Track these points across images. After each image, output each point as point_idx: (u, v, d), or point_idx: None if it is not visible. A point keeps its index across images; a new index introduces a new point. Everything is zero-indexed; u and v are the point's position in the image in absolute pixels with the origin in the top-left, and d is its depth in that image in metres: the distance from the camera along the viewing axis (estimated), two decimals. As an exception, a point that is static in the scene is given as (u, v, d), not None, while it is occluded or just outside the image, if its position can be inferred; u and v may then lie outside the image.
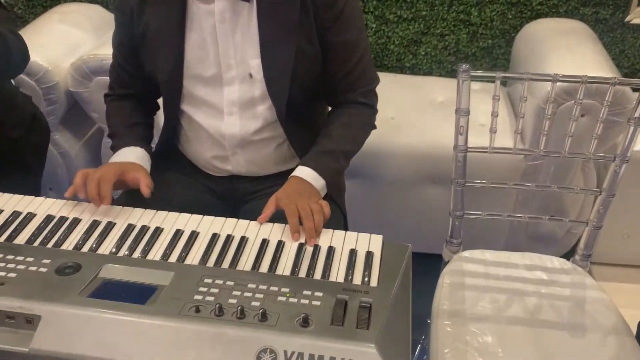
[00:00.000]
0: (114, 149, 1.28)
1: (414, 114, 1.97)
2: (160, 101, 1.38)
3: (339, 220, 1.31)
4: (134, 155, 1.24)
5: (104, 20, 2.21)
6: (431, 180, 1.91)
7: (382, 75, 1.34)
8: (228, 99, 1.23)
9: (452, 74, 2.28)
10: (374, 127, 1.33)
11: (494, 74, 1.21)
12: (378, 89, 1.31)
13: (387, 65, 2.29)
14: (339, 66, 1.23)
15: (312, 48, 1.19)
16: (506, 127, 1.89)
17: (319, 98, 1.33)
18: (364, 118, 1.29)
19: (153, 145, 1.36)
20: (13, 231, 1.01)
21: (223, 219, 1.06)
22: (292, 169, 1.22)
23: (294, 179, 1.17)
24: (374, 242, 1.00)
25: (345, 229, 1.22)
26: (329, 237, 1.02)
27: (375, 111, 1.31)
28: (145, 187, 1.14)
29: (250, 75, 1.20)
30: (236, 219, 1.06)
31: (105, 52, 1.84)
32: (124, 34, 1.25)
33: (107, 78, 1.83)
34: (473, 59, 2.25)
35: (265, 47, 1.17)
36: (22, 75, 1.82)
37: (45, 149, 1.71)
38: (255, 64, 1.18)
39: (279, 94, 1.20)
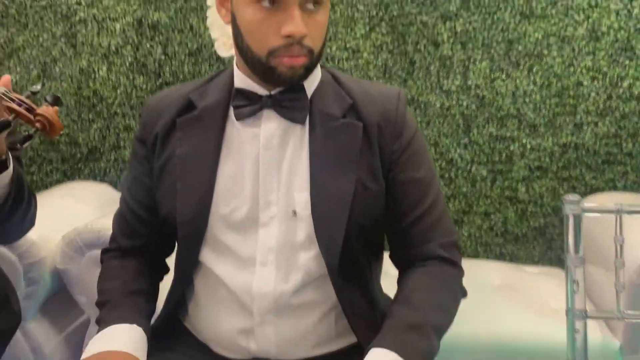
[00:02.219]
0: (102, 323, 0.93)
1: (471, 299, 1.62)
2: (170, 261, 1.07)
3: None
4: (128, 339, 0.90)
5: (111, 198, 2.00)
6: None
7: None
8: (263, 245, 0.93)
9: (501, 257, 1.98)
10: (465, 293, 0.98)
11: (616, 207, 0.91)
12: None
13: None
14: (410, 210, 0.95)
15: (376, 185, 0.94)
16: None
17: (378, 253, 1.02)
18: (451, 280, 0.96)
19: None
20: None
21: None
22: (343, 353, 0.89)
23: None
24: None
25: None
26: None
27: (462, 272, 0.98)
28: None
29: (295, 213, 0.91)
30: None
31: (105, 223, 1.58)
32: (142, 168, 1.00)
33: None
34: (524, 241, 1.97)
35: (316, 178, 0.92)
36: (2, 248, 1.53)
37: (7, 342, 1.34)
38: (302, 198, 0.92)
39: (331, 239, 0.90)
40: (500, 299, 1.62)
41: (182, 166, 0.95)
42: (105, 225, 1.56)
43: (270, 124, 0.94)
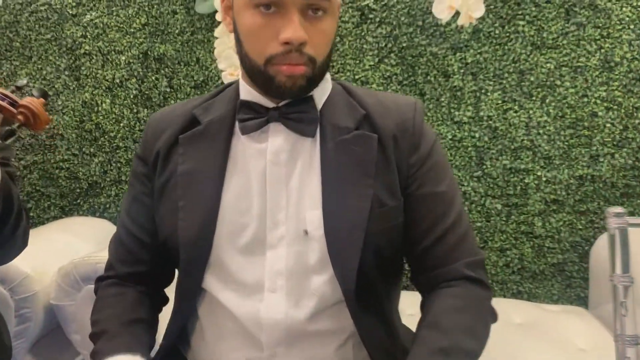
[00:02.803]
0: (98, 356, 0.84)
1: (493, 337, 1.52)
2: (169, 291, 0.99)
3: None
4: None
5: (110, 233, 1.91)
6: None
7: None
8: (271, 269, 0.84)
9: (518, 295, 1.88)
10: (496, 317, 0.90)
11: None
12: None
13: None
14: (431, 227, 0.88)
15: (393, 201, 0.86)
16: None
17: (395, 279, 0.94)
18: (480, 301, 0.87)
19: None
20: None
21: None
22: None
23: None
24: None
25: None
26: None
27: (491, 293, 0.90)
28: None
29: (306, 233, 0.84)
30: None
31: (104, 256, 1.49)
32: (142, 187, 0.93)
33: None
34: (542, 278, 1.88)
35: (329, 194, 0.84)
36: (-7, 283, 1.44)
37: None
38: (313, 216, 0.84)
39: (346, 260, 0.82)
40: (523, 338, 1.51)
41: (185, 184, 0.88)
42: (103, 258, 1.47)
43: (278, 138, 0.87)
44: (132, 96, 1.98)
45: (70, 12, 1.98)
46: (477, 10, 1.63)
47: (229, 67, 1.75)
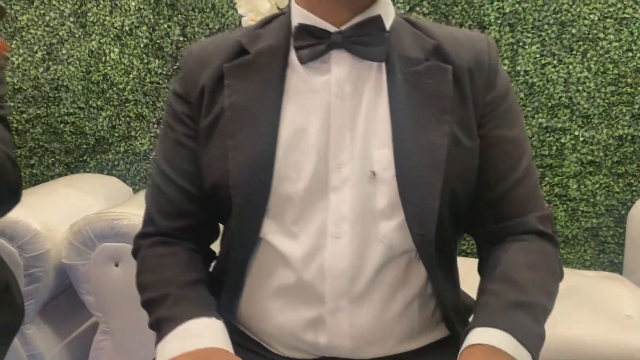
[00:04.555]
0: (166, 322, 0.73)
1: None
2: (214, 246, 0.89)
3: None
4: (215, 335, 0.72)
5: (121, 192, 1.82)
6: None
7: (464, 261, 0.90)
8: (335, 213, 0.75)
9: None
10: (562, 275, 0.81)
11: None
12: None
13: (467, 251, 1.83)
14: (504, 175, 0.79)
15: (470, 140, 0.77)
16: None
17: (461, 231, 0.85)
18: (552, 258, 0.79)
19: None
20: None
21: None
22: (432, 348, 0.73)
23: (478, 350, 0.62)
24: None
25: None
26: None
27: (558, 249, 0.82)
28: None
29: (374, 174, 0.74)
30: None
31: (120, 212, 1.39)
32: (185, 129, 0.82)
33: (116, 245, 1.38)
34: (574, 243, 1.80)
35: (400, 131, 0.74)
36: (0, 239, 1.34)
37: (9, 339, 1.14)
38: (382, 156, 0.74)
39: (421, 204, 0.73)
40: (565, 304, 1.42)
41: (235, 119, 0.77)
42: (119, 214, 1.37)
43: (342, 68, 0.77)
44: (142, 45, 1.85)
45: (75, -47, 1.83)
46: (522, -48, 1.50)
47: (250, 12, 1.62)
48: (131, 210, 1.39)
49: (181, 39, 1.83)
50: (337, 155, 0.75)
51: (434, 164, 0.73)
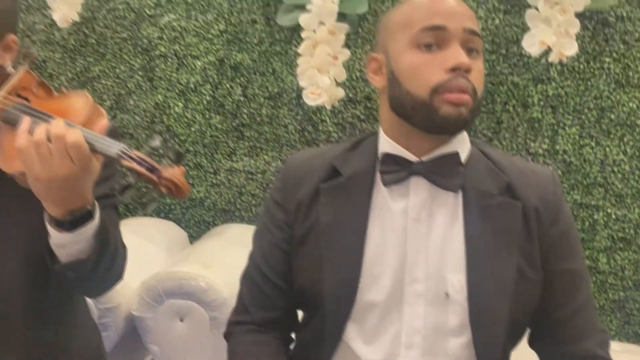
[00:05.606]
0: None
1: None
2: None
3: None
4: None
5: (178, 239, 1.95)
6: None
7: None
8: (409, 325, 0.87)
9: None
10: None
11: None
12: None
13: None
14: (565, 303, 0.90)
15: (535, 274, 0.88)
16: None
17: (513, 348, 0.96)
18: None
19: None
20: None
21: None
22: None
23: None
24: None
25: None
26: None
27: None
28: None
29: (447, 295, 0.86)
30: None
31: (186, 272, 1.53)
32: (281, 234, 0.95)
33: (180, 302, 1.51)
34: (601, 313, 1.90)
35: (474, 259, 0.86)
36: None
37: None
38: (456, 280, 0.86)
39: (488, 328, 0.85)
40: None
41: (329, 235, 0.90)
42: (186, 273, 1.51)
43: (420, 193, 0.88)
44: (205, 102, 1.98)
45: (148, 13, 1.98)
46: (570, 48, 1.61)
47: (310, 86, 1.75)
48: (197, 271, 1.52)
49: (242, 98, 1.97)
50: (412, 272, 0.87)
51: (503, 293, 0.85)
